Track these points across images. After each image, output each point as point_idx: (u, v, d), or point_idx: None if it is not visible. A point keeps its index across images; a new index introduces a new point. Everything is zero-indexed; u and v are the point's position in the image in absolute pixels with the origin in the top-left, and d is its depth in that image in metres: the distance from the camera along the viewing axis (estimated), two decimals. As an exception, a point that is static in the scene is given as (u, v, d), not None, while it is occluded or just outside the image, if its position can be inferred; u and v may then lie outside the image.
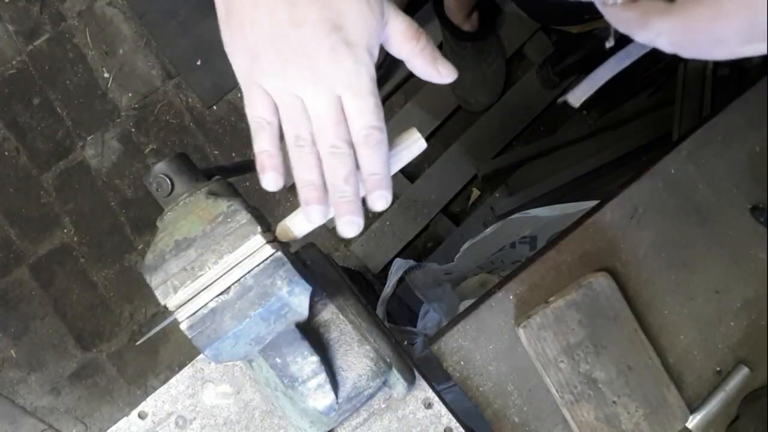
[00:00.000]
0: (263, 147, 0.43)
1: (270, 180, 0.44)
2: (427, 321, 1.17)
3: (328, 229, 1.48)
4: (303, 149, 0.42)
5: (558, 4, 0.83)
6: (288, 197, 1.48)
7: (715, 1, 0.34)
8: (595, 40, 1.30)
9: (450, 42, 1.40)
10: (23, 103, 1.55)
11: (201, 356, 0.65)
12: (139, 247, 1.51)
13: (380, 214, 1.46)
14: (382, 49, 1.40)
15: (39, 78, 1.55)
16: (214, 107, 1.53)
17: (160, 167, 0.56)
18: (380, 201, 0.43)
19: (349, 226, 0.43)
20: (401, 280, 1.18)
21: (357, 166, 0.43)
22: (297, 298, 0.50)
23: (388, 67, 1.40)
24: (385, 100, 1.51)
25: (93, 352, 1.49)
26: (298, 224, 0.52)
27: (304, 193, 0.44)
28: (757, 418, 0.68)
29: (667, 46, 0.37)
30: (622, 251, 0.70)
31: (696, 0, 0.35)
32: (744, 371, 0.70)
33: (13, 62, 1.56)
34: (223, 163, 1.47)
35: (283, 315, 0.51)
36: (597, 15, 0.84)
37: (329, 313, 0.57)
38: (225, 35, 0.41)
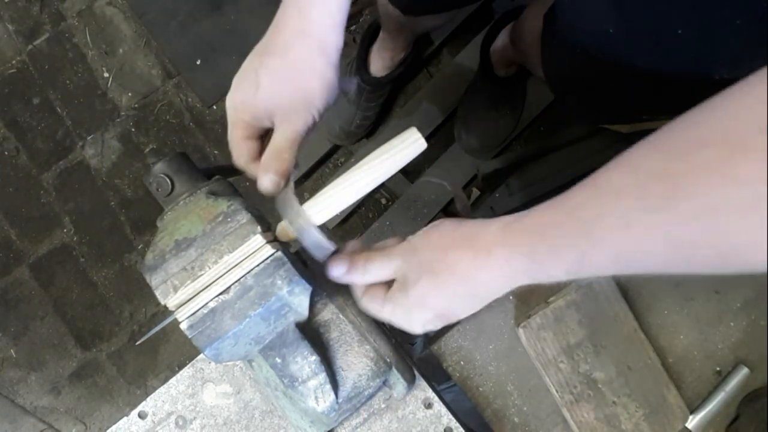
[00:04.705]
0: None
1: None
2: (427, 321, 1.16)
3: (328, 229, 1.48)
4: None
5: (614, 101, 0.78)
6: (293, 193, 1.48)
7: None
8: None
9: (477, 76, 1.39)
10: (23, 103, 1.55)
11: (201, 356, 0.65)
12: (139, 247, 1.51)
13: (380, 214, 1.46)
14: (406, 48, 1.34)
15: (39, 78, 1.55)
16: (214, 107, 1.53)
17: (160, 167, 0.56)
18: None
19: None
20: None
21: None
22: (297, 298, 0.50)
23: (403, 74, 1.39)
24: (385, 101, 1.51)
25: (93, 351, 1.49)
26: (298, 224, 0.52)
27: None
28: (757, 418, 0.68)
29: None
30: (622, 251, 0.70)
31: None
32: (744, 371, 0.71)
33: (13, 62, 1.56)
34: (223, 163, 1.46)
35: (283, 315, 0.51)
36: (654, 116, 0.77)
37: (329, 313, 0.57)
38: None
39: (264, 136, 0.58)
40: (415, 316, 0.51)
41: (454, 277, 0.48)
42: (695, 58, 0.60)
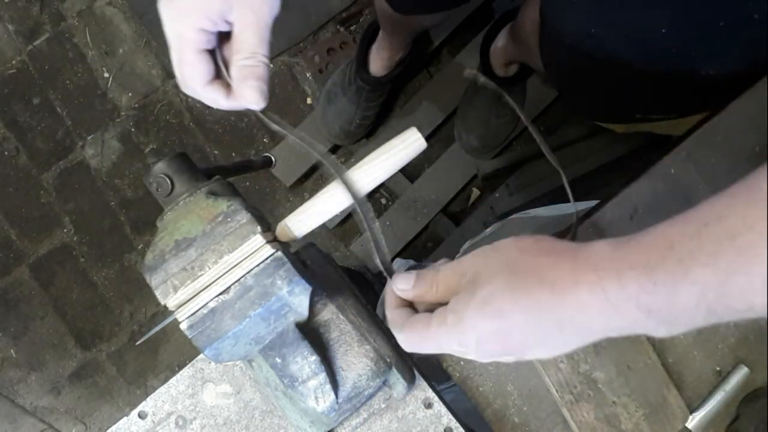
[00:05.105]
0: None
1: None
2: (427, 321, 1.16)
3: (328, 229, 1.48)
4: None
5: (607, 97, 0.75)
6: (288, 197, 1.48)
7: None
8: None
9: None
10: (23, 103, 1.55)
11: (201, 356, 0.65)
12: (139, 247, 1.51)
13: (380, 214, 1.46)
14: (405, 47, 1.34)
15: (39, 78, 1.55)
16: (214, 107, 1.53)
17: (160, 167, 0.56)
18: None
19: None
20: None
21: None
22: (297, 298, 0.50)
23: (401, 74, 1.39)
24: (385, 101, 1.51)
25: (93, 351, 1.49)
26: (298, 224, 0.53)
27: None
28: (757, 418, 0.68)
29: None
30: (622, 251, 0.70)
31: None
32: (744, 371, 0.70)
33: (13, 62, 1.56)
34: (223, 162, 1.46)
35: (283, 315, 0.51)
36: (646, 114, 0.77)
37: (329, 313, 0.57)
38: None
39: (213, 51, 0.49)
40: (470, 325, 0.39)
41: (540, 284, 0.37)
42: (682, 56, 0.60)
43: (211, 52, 0.48)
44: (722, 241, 0.32)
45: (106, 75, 1.56)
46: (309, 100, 1.52)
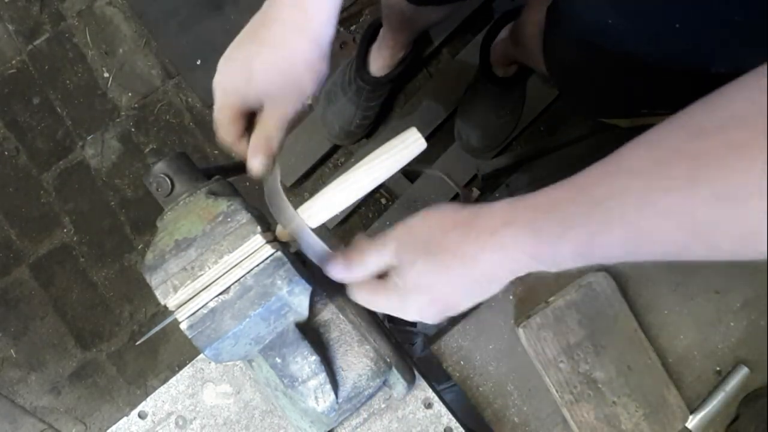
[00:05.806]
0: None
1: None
2: (427, 321, 1.16)
3: (327, 229, 1.48)
4: None
5: (614, 93, 0.77)
6: (288, 197, 1.47)
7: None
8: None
9: (477, 76, 1.39)
10: (23, 103, 1.55)
11: (201, 356, 0.65)
12: (139, 247, 1.51)
13: (380, 214, 1.46)
14: (406, 47, 1.34)
15: (39, 78, 1.55)
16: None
17: (160, 167, 0.56)
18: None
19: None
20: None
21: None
22: (297, 298, 0.50)
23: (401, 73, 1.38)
24: (385, 101, 1.51)
25: (93, 351, 1.49)
26: (298, 224, 0.52)
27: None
28: (757, 418, 0.68)
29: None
30: (622, 251, 0.70)
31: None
32: (744, 371, 0.70)
33: (13, 62, 1.56)
34: (223, 162, 1.46)
35: (283, 315, 0.51)
36: (653, 109, 0.77)
37: (329, 313, 0.57)
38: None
39: (250, 115, 0.59)
40: (410, 301, 0.48)
41: (453, 258, 0.45)
42: (694, 52, 0.60)
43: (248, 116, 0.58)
44: (591, 206, 0.40)
45: (106, 75, 1.56)
46: (309, 100, 1.52)
